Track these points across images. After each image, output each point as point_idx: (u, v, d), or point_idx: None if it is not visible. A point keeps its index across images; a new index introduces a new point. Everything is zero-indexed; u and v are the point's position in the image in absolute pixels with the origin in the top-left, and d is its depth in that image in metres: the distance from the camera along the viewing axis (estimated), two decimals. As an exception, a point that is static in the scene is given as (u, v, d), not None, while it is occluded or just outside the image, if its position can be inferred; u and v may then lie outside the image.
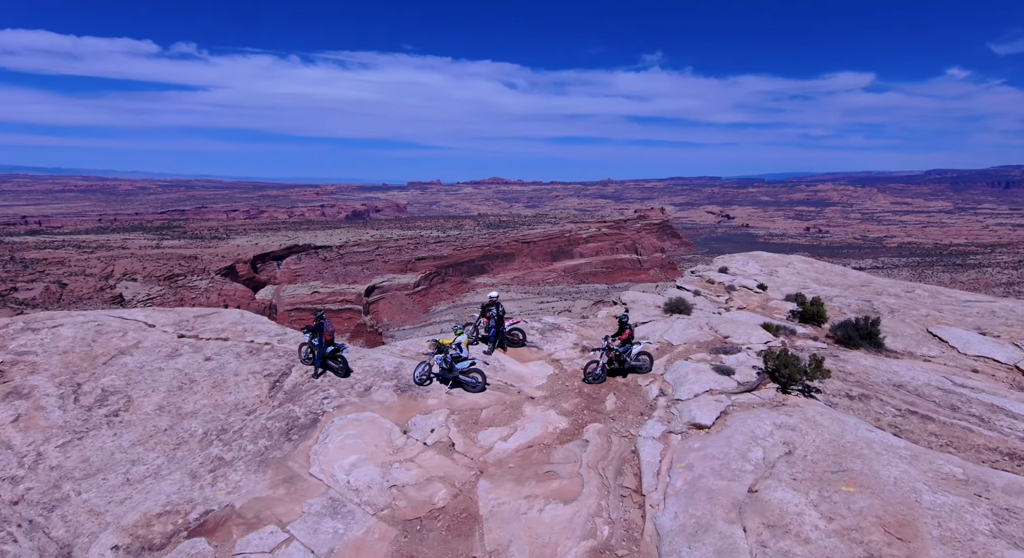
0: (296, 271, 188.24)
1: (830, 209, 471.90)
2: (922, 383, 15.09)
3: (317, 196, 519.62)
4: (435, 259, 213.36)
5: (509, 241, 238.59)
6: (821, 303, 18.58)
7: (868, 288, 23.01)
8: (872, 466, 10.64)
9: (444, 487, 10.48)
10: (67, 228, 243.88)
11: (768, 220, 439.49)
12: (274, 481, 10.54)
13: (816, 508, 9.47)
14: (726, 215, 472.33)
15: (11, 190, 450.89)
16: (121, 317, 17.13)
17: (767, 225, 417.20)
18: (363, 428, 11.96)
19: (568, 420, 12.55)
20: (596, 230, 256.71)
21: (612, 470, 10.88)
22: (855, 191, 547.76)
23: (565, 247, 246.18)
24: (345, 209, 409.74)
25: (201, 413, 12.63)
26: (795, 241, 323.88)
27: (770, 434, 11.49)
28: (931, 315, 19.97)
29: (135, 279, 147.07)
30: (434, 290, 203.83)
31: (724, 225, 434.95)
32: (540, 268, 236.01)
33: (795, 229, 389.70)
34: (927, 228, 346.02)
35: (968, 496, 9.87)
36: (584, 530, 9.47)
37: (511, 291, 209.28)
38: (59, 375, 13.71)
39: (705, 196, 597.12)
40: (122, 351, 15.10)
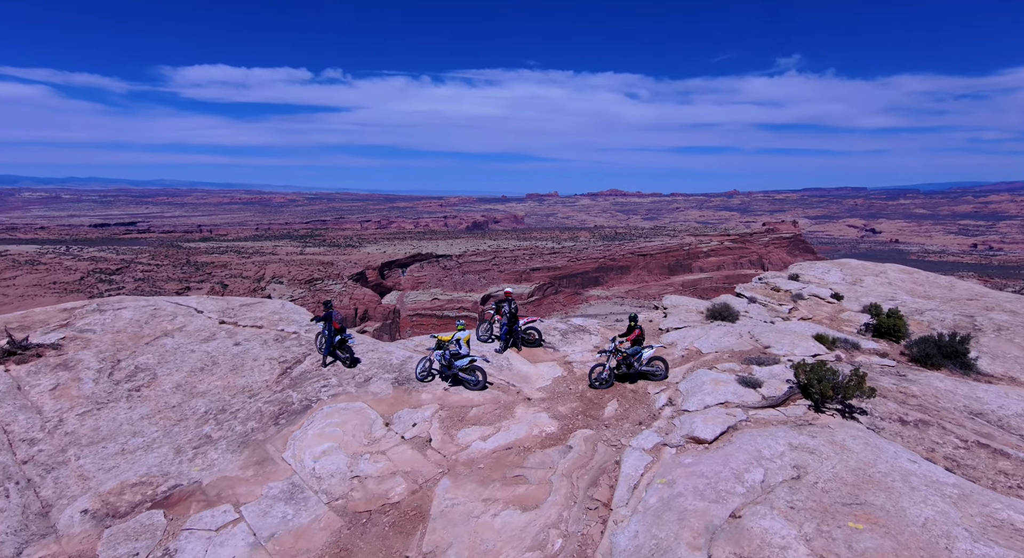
0: (418, 278, 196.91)
1: (1005, 223, 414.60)
2: (1012, 413, 12.54)
3: (441, 207, 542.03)
4: (549, 270, 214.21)
5: (624, 253, 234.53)
6: (900, 316, 16.08)
7: (976, 302, 19.68)
8: (899, 502, 8.86)
9: (405, 482, 10.06)
10: (231, 236, 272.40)
11: (923, 235, 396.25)
12: (247, 462, 10.67)
13: (807, 543, 8.00)
14: (871, 229, 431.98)
15: (191, 203, 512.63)
16: (176, 303, 18.43)
17: (922, 240, 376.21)
18: (346, 417, 11.85)
19: (558, 424, 11.68)
20: (718, 244, 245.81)
21: (586, 480, 9.92)
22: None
23: (684, 261, 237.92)
24: (466, 220, 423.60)
25: (210, 393, 13.15)
26: (957, 259, 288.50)
27: (780, 455, 9.97)
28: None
29: (282, 282, 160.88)
30: (547, 301, 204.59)
31: (868, 240, 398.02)
32: (656, 282, 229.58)
33: (958, 246, 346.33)
34: None
35: (1012, 550, 7.92)
36: (534, 541, 8.65)
37: (625, 304, 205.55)
38: (105, 352, 14.90)
39: (846, 208, 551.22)
40: (166, 333, 16.18)
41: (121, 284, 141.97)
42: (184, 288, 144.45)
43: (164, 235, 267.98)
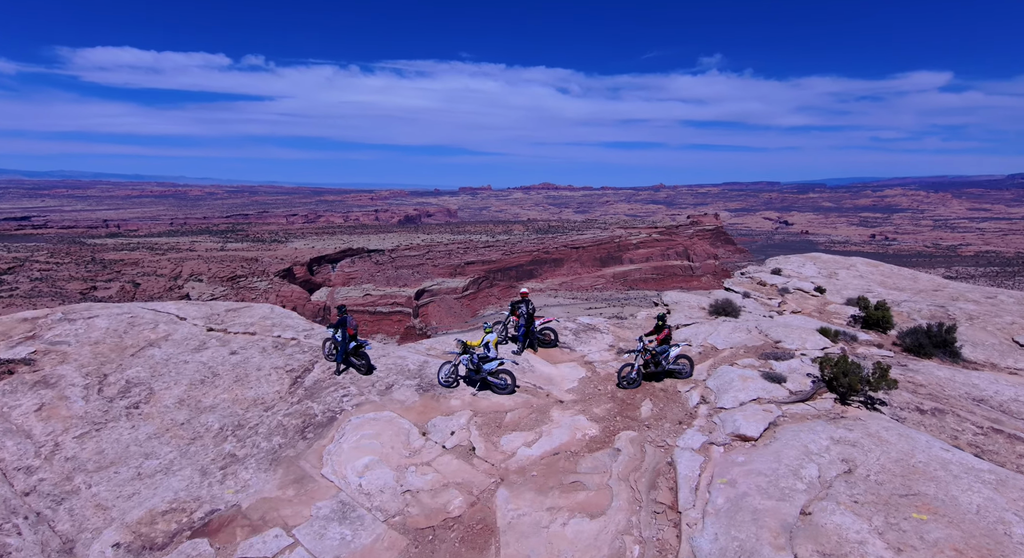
0: (350, 274, 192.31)
1: (898, 215, 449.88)
2: (1008, 398, 13.41)
3: (372, 201, 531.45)
4: (484, 263, 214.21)
5: (558, 246, 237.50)
6: (887, 307, 16.94)
7: (942, 293, 21.02)
8: (949, 491, 9.26)
9: (461, 495, 9.70)
10: (142, 231, 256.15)
11: (830, 226, 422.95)
12: (284, 481, 10.01)
13: (881, 536, 8.23)
14: (784, 221, 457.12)
15: (96, 196, 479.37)
16: (155, 309, 17.14)
17: (828, 232, 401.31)
18: (380, 428, 11.32)
19: (599, 426, 11.58)
20: (647, 236, 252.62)
21: (645, 483, 9.87)
22: (927, 196, 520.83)
23: (615, 253, 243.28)
24: (398, 214, 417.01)
25: (220, 407, 12.28)
26: (859, 248, 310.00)
27: (826, 449, 10.23)
28: (1017, 323, 17.97)
29: (201, 280, 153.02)
30: (482, 294, 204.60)
31: (782, 232, 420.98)
32: (589, 274, 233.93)
33: (859, 236, 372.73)
34: (1008, 236, 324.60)
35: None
36: (611, 549, 8.52)
37: (559, 296, 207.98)
38: (87, 365, 13.65)
39: (762, 202, 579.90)
40: (151, 343, 15.01)
41: (14, 285, 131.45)
42: (90, 288, 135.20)
43: (64, 231, 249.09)
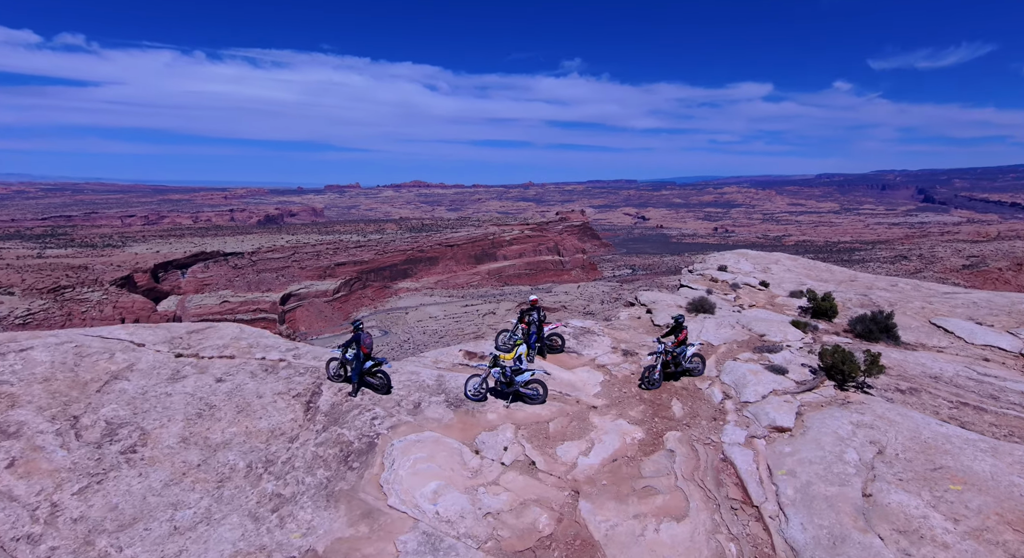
0: (203, 280, 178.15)
1: (735, 210, 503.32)
2: (952, 374, 15.44)
3: (226, 200, 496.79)
4: (356, 264, 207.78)
5: (432, 244, 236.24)
6: (833, 299, 18.85)
7: (858, 283, 23.73)
8: (963, 461, 10.57)
9: (543, 511, 9.54)
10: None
11: (680, 221, 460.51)
12: (351, 517, 9.27)
13: (936, 509, 9.24)
14: (642, 217, 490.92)
15: None
16: (101, 336, 15.00)
17: (679, 226, 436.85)
18: (429, 450, 10.81)
19: (642, 429, 11.87)
20: (519, 232, 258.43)
21: (711, 481, 10.30)
22: (757, 193, 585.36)
23: (489, 250, 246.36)
24: (257, 214, 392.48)
25: (234, 443, 11.06)
26: (705, 241, 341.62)
27: (853, 434, 11.27)
28: (926, 307, 20.73)
29: (12, 293, 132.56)
30: (355, 296, 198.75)
31: (640, 226, 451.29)
32: (464, 271, 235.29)
33: (705, 229, 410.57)
34: (818, 227, 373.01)
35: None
36: (710, 550, 8.82)
37: (435, 295, 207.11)
38: (48, 407, 11.70)
39: (622, 198, 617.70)
40: (114, 375, 13.15)
41: None
42: None
43: None
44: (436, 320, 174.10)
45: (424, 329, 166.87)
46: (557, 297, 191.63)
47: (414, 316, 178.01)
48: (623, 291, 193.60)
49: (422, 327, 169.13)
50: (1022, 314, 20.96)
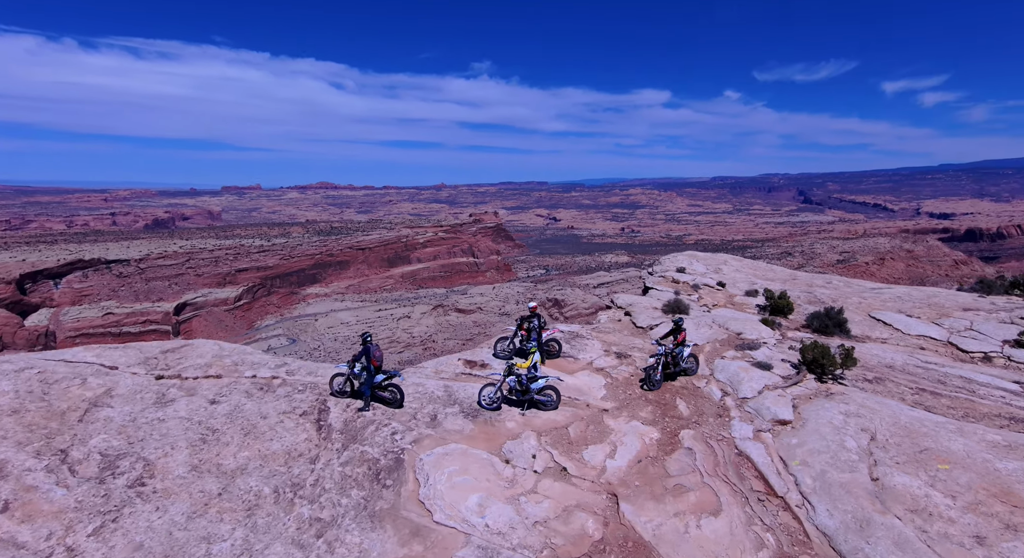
0: (82, 290, 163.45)
1: (640, 211, 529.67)
2: (902, 363, 17.05)
3: (106, 202, 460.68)
4: (259, 270, 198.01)
5: (343, 248, 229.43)
6: (788, 297, 20.28)
7: (799, 281, 25.60)
8: (941, 442, 11.77)
9: (589, 516, 9.76)
10: None
11: (590, 222, 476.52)
12: (401, 537, 9.09)
13: (934, 488, 10.26)
14: (553, 218, 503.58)
15: None
16: (64, 360, 13.71)
17: (589, 226, 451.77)
18: (461, 463, 10.75)
19: (656, 429, 12.34)
20: (433, 235, 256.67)
21: (733, 475, 10.90)
22: (659, 195, 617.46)
23: (402, 252, 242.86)
24: (144, 217, 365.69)
25: (252, 468, 10.51)
26: (614, 241, 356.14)
27: (845, 423, 12.26)
28: (863, 302, 22.69)
29: None
30: (259, 303, 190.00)
31: (552, 227, 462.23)
32: (377, 275, 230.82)
33: (613, 229, 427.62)
34: (715, 226, 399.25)
35: (1022, 460, 11.26)
36: (752, 541, 9.37)
37: (347, 300, 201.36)
38: (28, 442, 10.61)
39: (534, 200, 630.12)
40: (93, 402, 12.09)
41: None
42: None
43: None
44: (348, 326, 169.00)
45: (335, 336, 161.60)
46: (473, 299, 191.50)
47: (324, 323, 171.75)
48: (537, 291, 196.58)
49: (333, 334, 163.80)
50: (940, 306, 23.40)
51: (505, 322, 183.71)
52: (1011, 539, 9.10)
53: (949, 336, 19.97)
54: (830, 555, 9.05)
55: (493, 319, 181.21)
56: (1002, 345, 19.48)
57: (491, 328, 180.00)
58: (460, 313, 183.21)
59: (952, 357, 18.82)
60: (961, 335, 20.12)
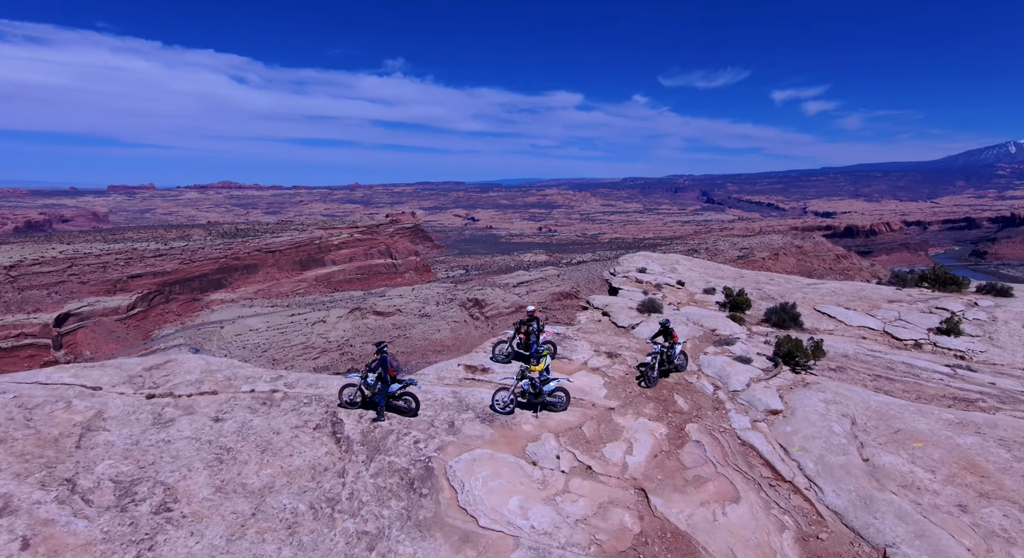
0: None
1: (557, 211, 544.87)
2: (853, 352, 18.71)
3: None
4: (156, 275, 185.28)
5: (251, 251, 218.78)
6: (745, 294, 21.69)
7: (745, 279, 27.33)
8: (908, 423, 13.15)
9: (624, 511, 10.24)
10: None
11: (508, 222, 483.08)
12: (452, 544, 9.21)
13: (916, 464, 11.50)
14: (472, 218, 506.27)
15: None
16: (39, 382, 12.69)
17: (507, 226, 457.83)
18: (491, 467, 10.94)
19: (663, 425, 13.02)
20: (349, 236, 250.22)
21: (743, 464, 11.72)
22: (575, 195, 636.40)
23: (316, 255, 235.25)
24: (14, 219, 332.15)
25: (278, 486, 10.24)
26: (532, 240, 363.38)
27: (827, 410, 13.43)
28: (806, 298, 24.58)
29: None
30: (156, 311, 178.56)
31: (471, 227, 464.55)
32: (289, 278, 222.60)
33: (531, 229, 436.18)
34: (627, 225, 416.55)
35: (978, 436, 12.76)
36: (774, 524, 10.17)
37: (256, 305, 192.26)
38: (27, 473, 9.84)
39: (452, 200, 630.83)
40: (86, 427, 11.33)
41: None
42: None
43: None
44: (258, 333, 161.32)
45: (244, 343, 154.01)
46: (392, 301, 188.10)
47: (231, 330, 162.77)
48: (458, 292, 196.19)
49: (241, 341, 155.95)
50: (869, 299, 25.72)
51: (425, 324, 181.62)
52: (987, 506, 10.37)
53: (884, 326, 22.06)
54: (844, 531, 9.99)
55: (413, 321, 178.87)
56: (928, 333, 21.75)
57: (411, 330, 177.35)
58: (379, 316, 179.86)
59: (889, 345, 20.83)
60: (893, 325, 22.27)
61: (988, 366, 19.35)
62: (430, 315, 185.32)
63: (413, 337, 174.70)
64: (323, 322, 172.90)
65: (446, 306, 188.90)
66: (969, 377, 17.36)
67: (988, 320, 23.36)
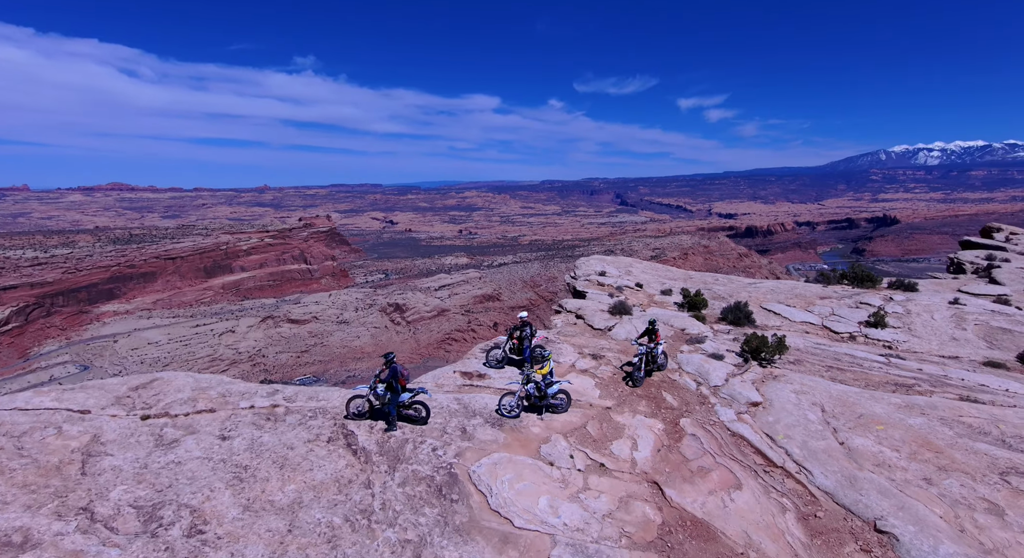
0: None
1: (477, 213, 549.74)
2: (803, 346, 20.39)
3: None
4: (35, 286, 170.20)
5: (148, 258, 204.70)
6: (702, 295, 23.09)
7: (693, 279, 28.95)
8: (868, 409, 14.65)
9: (644, 504, 10.92)
10: None
11: (428, 224, 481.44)
12: (494, 545, 9.55)
13: (883, 445, 12.89)
14: (390, 221, 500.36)
15: None
16: (19, 408, 11.88)
17: (427, 229, 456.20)
18: (512, 470, 11.34)
19: (659, 421, 13.84)
20: (259, 241, 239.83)
21: (737, 453, 12.71)
22: (494, 197, 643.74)
23: (222, 261, 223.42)
24: None
25: (307, 501, 10.20)
26: (453, 243, 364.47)
27: (799, 400, 14.73)
28: (753, 296, 26.40)
29: None
30: (36, 326, 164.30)
31: (390, 231, 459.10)
32: (192, 287, 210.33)
33: (451, 232, 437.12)
34: (546, 227, 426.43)
35: (924, 417, 14.42)
36: (776, 506, 11.16)
37: (155, 317, 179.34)
38: (38, 504, 9.31)
39: (369, 203, 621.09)
40: (86, 452, 10.78)
41: None
42: None
43: None
44: (158, 346, 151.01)
45: (142, 358, 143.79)
46: (307, 308, 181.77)
47: (127, 344, 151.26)
48: (378, 297, 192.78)
49: (139, 356, 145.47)
50: (803, 297, 27.92)
51: (344, 331, 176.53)
52: (947, 478, 11.82)
53: (822, 321, 24.10)
54: (837, 509, 11.11)
55: (331, 328, 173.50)
56: (859, 326, 23.94)
57: (329, 337, 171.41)
58: (294, 324, 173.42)
59: (829, 338, 22.79)
60: (829, 319, 24.37)
61: (912, 354, 21.59)
62: (349, 321, 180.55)
63: (331, 345, 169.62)
64: (232, 332, 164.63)
65: (366, 312, 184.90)
66: (901, 364, 19.36)
67: (904, 313, 25.98)
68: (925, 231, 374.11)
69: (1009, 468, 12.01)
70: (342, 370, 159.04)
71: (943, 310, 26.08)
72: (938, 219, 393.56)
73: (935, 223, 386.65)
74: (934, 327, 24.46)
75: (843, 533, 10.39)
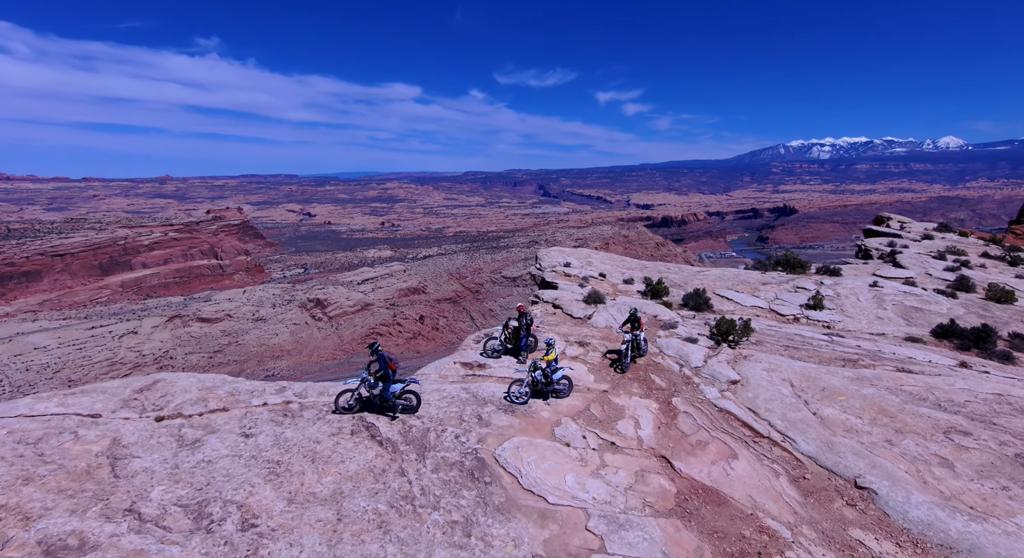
0: None
1: (399, 205, 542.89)
2: (758, 328, 22.19)
3: None
4: None
5: (31, 255, 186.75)
6: (664, 283, 24.54)
7: (648, 269, 30.51)
8: (828, 382, 16.38)
9: (658, 476, 11.93)
10: None
11: (348, 217, 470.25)
12: (534, 521, 10.26)
13: (848, 413, 14.55)
14: (308, 213, 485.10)
15: None
16: (24, 415, 11.40)
17: (347, 221, 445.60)
18: (534, 452, 12.06)
19: (653, 401, 14.93)
20: (162, 235, 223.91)
21: (728, 427, 13.98)
22: (417, 189, 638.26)
23: (120, 257, 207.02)
24: None
25: (348, 491, 10.52)
26: (375, 235, 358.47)
27: (771, 377, 16.25)
28: (703, 284, 28.20)
29: None
30: None
31: (307, 223, 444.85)
32: (85, 286, 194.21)
33: (373, 224, 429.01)
34: (471, 219, 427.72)
35: (874, 387, 16.30)
36: (770, 472, 12.47)
37: (42, 320, 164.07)
38: (81, 508, 9.16)
39: (284, 194, 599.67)
40: (111, 456, 10.59)
41: None
42: None
43: None
44: (47, 351, 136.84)
45: (27, 365, 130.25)
46: (220, 305, 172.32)
47: (7, 350, 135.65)
48: (296, 292, 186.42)
49: (23, 362, 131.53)
50: (748, 283, 30.11)
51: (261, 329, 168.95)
52: (904, 439, 13.56)
53: (769, 305, 26.18)
54: (820, 471, 12.55)
55: (246, 326, 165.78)
56: (801, 309, 26.20)
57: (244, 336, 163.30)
58: (204, 322, 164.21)
59: (777, 320, 24.85)
60: (775, 303, 26.51)
61: (848, 332, 23.93)
62: (266, 319, 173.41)
63: (247, 344, 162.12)
64: (134, 333, 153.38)
65: (284, 308, 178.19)
66: (841, 342, 21.50)
67: (835, 295, 28.57)
68: (819, 220, 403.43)
69: (950, 427, 13.86)
70: (260, 370, 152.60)
71: (866, 292, 28.86)
72: (830, 209, 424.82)
73: (827, 212, 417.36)
74: (861, 308, 27.09)
75: (830, 491, 11.80)
